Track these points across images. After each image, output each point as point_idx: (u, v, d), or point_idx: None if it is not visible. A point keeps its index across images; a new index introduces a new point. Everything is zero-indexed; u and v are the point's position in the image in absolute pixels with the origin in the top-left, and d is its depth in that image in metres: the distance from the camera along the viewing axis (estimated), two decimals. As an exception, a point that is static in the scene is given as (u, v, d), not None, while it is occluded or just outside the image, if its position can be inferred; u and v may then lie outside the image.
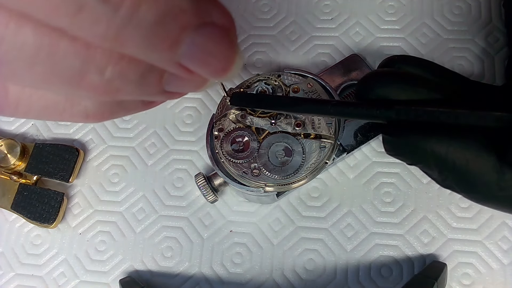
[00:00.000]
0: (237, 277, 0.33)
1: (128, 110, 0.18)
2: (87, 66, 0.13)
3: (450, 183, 0.23)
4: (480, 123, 0.20)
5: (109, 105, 0.17)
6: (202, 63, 0.14)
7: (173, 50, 0.14)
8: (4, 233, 0.37)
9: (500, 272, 0.31)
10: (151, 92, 0.16)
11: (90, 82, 0.14)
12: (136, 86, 0.15)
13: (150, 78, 0.15)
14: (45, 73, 0.13)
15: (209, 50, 0.14)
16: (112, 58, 0.14)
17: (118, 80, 0.14)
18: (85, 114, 0.17)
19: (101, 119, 0.17)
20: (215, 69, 0.14)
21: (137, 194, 0.36)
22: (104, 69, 0.14)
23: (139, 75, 0.15)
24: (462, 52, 0.36)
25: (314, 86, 0.31)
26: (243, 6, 0.40)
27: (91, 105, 0.16)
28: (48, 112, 0.16)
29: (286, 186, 0.30)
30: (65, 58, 0.13)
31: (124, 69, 0.14)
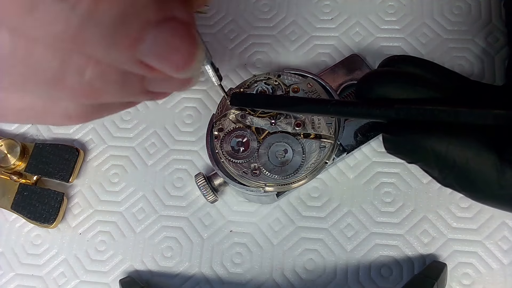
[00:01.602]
0: (237, 277, 0.33)
1: (111, 109, 0.18)
2: (65, 67, 0.13)
3: (450, 182, 0.23)
4: (480, 122, 0.20)
5: (91, 105, 0.16)
6: (163, 59, 0.14)
7: (134, 48, 0.13)
8: (4, 233, 0.37)
9: (500, 272, 0.31)
10: (133, 93, 0.15)
11: (70, 84, 0.13)
12: (118, 87, 0.14)
13: (132, 78, 0.15)
14: (24, 76, 0.13)
15: (170, 46, 0.13)
16: (91, 59, 0.13)
17: (99, 81, 0.14)
18: (67, 116, 0.16)
19: (84, 119, 0.17)
20: (176, 64, 0.14)
21: (137, 194, 0.36)
22: (84, 70, 0.13)
23: (120, 75, 0.14)
24: (462, 52, 0.36)
25: (314, 86, 0.31)
26: (243, 6, 0.40)
27: (73, 106, 0.16)
28: (26, 115, 0.16)
29: (286, 186, 0.30)
30: (43, 60, 0.13)
31: (105, 70, 0.14)
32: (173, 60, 0.14)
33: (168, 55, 0.14)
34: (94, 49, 0.13)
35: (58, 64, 0.13)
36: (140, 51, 0.13)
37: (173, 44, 0.13)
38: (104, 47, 0.13)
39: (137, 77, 0.15)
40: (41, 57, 0.12)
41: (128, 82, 0.15)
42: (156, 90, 0.16)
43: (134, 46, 0.13)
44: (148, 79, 0.15)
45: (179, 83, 0.16)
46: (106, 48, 0.13)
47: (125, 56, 0.13)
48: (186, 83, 0.16)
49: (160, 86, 0.16)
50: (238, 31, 0.40)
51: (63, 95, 0.14)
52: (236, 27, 0.40)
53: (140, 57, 0.13)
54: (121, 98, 0.15)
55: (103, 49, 0.13)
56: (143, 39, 0.13)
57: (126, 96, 0.16)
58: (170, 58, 0.14)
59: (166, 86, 0.16)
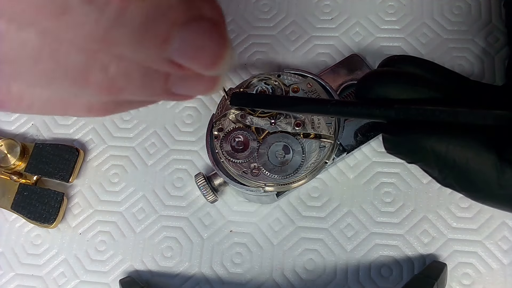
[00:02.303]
0: (237, 277, 0.33)
1: (132, 105, 0.18)
2: (90, 63, 0.13)
3: (450, 182, 0.23)
4: (480, 122, 0.20)
5: (113, 101, 0.17)
6: (192, 58, 0.14)
7: (163, 48, 0.13)
8: (4, 233, 0.37)
9: (500, 272, 0.31)
10: (156, 93, 0.16)
11: (94, 80, 0.14)
12: (140, 85, 0.15)
13: (155, 78, 0.15)
14: (49, 71, 0.13)
15: (198, 44, 0.14)
16: (115, 56, 0.13)
17: (122, 78, 0.14)
18: (88, 108, 0.16)
19: (104, 113, 0.17)
20: (205, 63, 0.14)
21: (137, 194, 0.36)
22: (108, 67, 0.13)
23: (143, 74, 0.14)
24: (462, 52, 0.36)
25: (314, 86, 0.31)
26: (243, 6, 0.40)
27: (95, 100, 0.16)
28: (51, 106, 0.16)
29: (286, 186, 0.30)
30: (68, 56, 0.13)
31: (128, 67, 0.14)
32: (202, 59, 0.14)
33: (197, 54, 0.14)
34: (122, 49, 0.13)
35: (83, 61, 0.13)
36: (169, 50, 0.13)
37: (202, 42, 0.14)
38: (132, 47, 0.13)
39: (160, 77, 0.15)
40: (67, 55, 0.13)
41: (151, 81, 0.15)
42: (180, 92, 0.16)
43: (163, 45, 0.13)
44: (173, 80, 0.15)
45: (204, 86, 0.16)
46: (134, 48, 0.13)
47: (154, 56, 0.14)
48: (211, 86, 0.16)
49: (184, 88, 0.16)
50: (238, 31, 0.40)
51: (86, 90, 0.14)
52: (236, 27, 0.40)
53: (170, 56, 0.14)
54: (143, 96, 0.16)
55: (132, 49, 0.13)
56: (172, 38, 0.13)
57: (148, 95, 0.16)
58: (199, 57, 0.14)
59: (191, 88, 0.16)
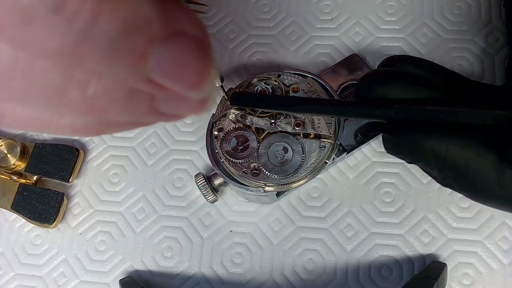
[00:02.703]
0: (237, 277, 0.33)
1: (121, 127, 0.17)
2: (67, 82, 0.12)
3: (450, 182, 0.23)
4: (480, 122, 0.20)
5: (98, 121, 0.16)
6: (173, 77, 0.13)
7: (140, 65, 0.12)
8: (4, 233, 0.37)
9: (500, 272, 0.31)
10: (142, 113, 0.15)
11: (71, 99, 0.13)
12: (123, 105, 0.14)
13: (138, 97, 0.14)
14: (24, 89, 0.12)
15: (179, 63, 0.13)
16: (94, 74, 0.13)
17: (103, 98, 0.13)
18: (73, 128, 0.15)
19: (90, 134, 0.16)
20: (187, 83, 0.13)
21: (137, 194, 0.36)
22: (86, 85, 0.13)
23: (125, 94, 0.13)
24: (462, 52, 0.36)
25: (314, 86, 0.31)
26: (243, 6, 0.40)
27: (78, 121, 0.15)
28: (33, 125, 0.15)
29: (286, 186, 0.30)
30: (43, 73, 0.12)
31: (108, 86, 0.13)
32: (184, 78, 0.13)
33: (178, 73, 0.13)
34: (95, 65, 0.12)
35: (60, 78, 0.12)
36: (148, 68, 0.13)
37: (183, 61, 0.13)
38: (106, 63, 0.12)
39: (144, 96, 0.14)
40: (42, 71, 0.12)
41: (134, 101, 0.14)
42: (167, 111, 0.15)
43: (140, 63, 0.12)
44: (158, 100, 0.14)
45: (193, 105, 0.15)
46: (108, 64, 0.12)
47: (131, 73, 0.13)
48: (201, 105, 0.15)
49: (171, 108, 0.15)
50: (238, 31, 0.40)
51: (65, 110, 0.13)
52: (236, 27, 0.40)
53: (148, 74, 0.13)
54: (128, 117, 0.15)
55: (106, 65, 0.12)
56: (149, 55, 0.12)
57: (133, 115, 0.15)
58: (180, 76, 0.13)
59: (178, 107, 0.15)
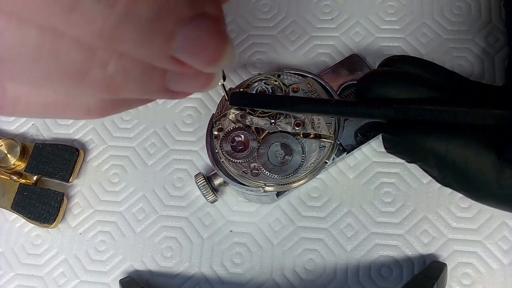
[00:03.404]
0: (237, 277, 0.33)
1: (130, 104, 0.18)
2: (90, 61, 0.13)
3: (450, 181, 0.23)
4: (479, 121, 0.20)
5: (110, 100, 0.17)
6: (195, 54, 0.14)
7: (168, 44, 0.13)
8: (4, 233, 0.37)
9: (500, 272, 0.31)
10: (153, 90, 0.16)
11: (93, 78, 0.14)
12: (138, 83, 0.15)
13: (153, 75, 0.15)
14: (48, 69, 0.13)
15: (202, 41, 0.14)
16: (114, 53, 0.13)
17: (121, 76, 0.14)
18: (87, 110, 0.16)
19: (103, 114, 0.17)
20: (207, 59, 0.14)
21: (137, 194, 0.36)
22: (107, 64, 0.14)
23: (141, 71, 0.14)
24: (462, 52, 0.36)
25: (314, 86, 0.31)
26: (243, 6, 0.40)
27: (93, 101, 0.16)
28: (48, 109, 0.16)
29: (285, 186, 0.30)
30: (68, 54, 0.13)
31: (126, 64, 0.14)
32: (204, 55, 0.14)
33: (200, 50, 0.14)
34: (128, 46, 0.13)
35: (83, 58, 0.13)
36: (173, 47, 0.13)
37: (205, 39, 0.14)
38: (139, 44, 0.13)
39: (158, 74, 0.15)
40: (67, 52, 0.13)
41: (148, 79, 0.15)
42: (176, 89, 0.16)
43: (168, 42, 0.13)
44: (169, 77, 0.15)
45: (200, 83, 0.16)
46: (140, 45, 0.13)
47: (157, 52, 0.14)
48: (207, 83, 0.16)
49: (181, 85, 0.16)
50: (238, 31, 0.40)
51: (85, 89, 0.14)
52: (236, 27, 0.40)
53: (173, 52, 0.14)
54: (140, 94, 0.16)
55: (138, 46, 0.13)
56: (176, 35, 0.13)
57: (146, 93, 0.16)
58: (201, 54, 0.14)
59: (187, 84, 0.16)
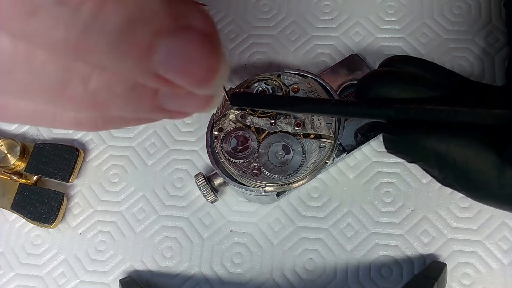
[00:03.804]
0: (237, 277, 0.33)
1: (126, 122, 0.17)
2: (68, 75, 0.12)
3: (451, 181, 0.23)
4: (480, 121, 0.20)
5: (101, 116, 0.16)
6: (181, 72, 0.13)
7: (146, 59, 0.12)
8: (4, 233, 0.37)
9: (500, 272, 0.31)
10: (145, 109, 0.14)
11: (73, 93, 0.13)
12: (126, 100, 0.14)
13: (141, 92, 0.14)
14: (24, 82, 0.12)
15: (187, 57, 0.12)
16: (96, 68, 0.12)
17: (104, 93, 0.13)
18: (76, 123, 0.15)
19: (94, 128, 0.16)
20: (195, 78, 0.13)
21: (137, 194, 0.36)
22: (88, 80, 0.12)
23: (128, 88, 0.13)
24: (462, 52, 0.36)
25: (314, 86, 0.31)
26: (243, 6, 0.40)
27: (82, 115, 0.15)
28: (37, 119, 0.15)
29: (286, 186, 0.30)
30: (43, 66, 0.12)
31: (110, 80, 0.13)
32: (191, 73, 0.13)
33: (186, 67, 0.12)
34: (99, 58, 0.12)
35: (60, 71, 0.12)
36: (154, 62, 0.12)
37: (191, 55, 0.12)
38: (111, 57, 0.12)
39: (147, 92, 0.14)
40: (43, 64, 0.12)
41: (137, 96, 0.14)
42: (171, 108, 0.15)
43: (146, 56, 0.12)
44: (162, 96, 0.14)
45: (198, 103, 0.15)
46: (113, 57, 0.12)
47: (137, 67, 0.12)
48: (206, 103, 0.15)
49: (175, 104, 0.15)
50: (238, 31, 0.40)
51: (67, 104, 0.13)
52: (236, 27, 0.40)
53: (154, 68, 0.12)
54: (131, 112, 0.15)
55: (110, 58, 0.12)
56: (156, 48, 0.12)
57: (136, 111, 0.15)
58: (187, 71, 0.13)
59: (182, 104, 0.15)
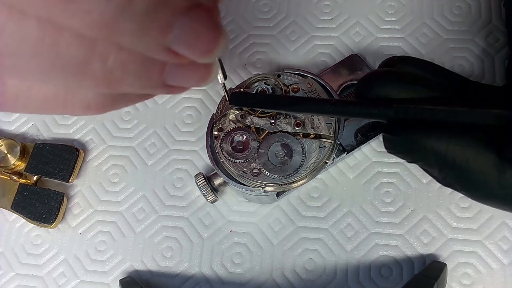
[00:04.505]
0: (237, 277, 0.33)
1: (129, 100, 0.18)
2: (90, 55, 0.13)
3: (451, 181, 0.23)
4: (479, 121, 0.20)
5: (110, 95, 0.17)
6: (190, 45, 0.14)
7: (164, 36, 0.14)
8: (4, 233, 0.37)
9: (500, 272, 0.31)
10: (152, 85, 0.16)
11: (93, 72, 0.14)
12: (137, 77, 0.15)
13: (151, 69, 0.15)
14: (49, 64, 0.13)
15: (197, 32, 0.14)
16: (114, 47, 0.14)
17: (120, 70, 0.14)
18: (87, 105, 0.16)
19: (102, 109, 0.17)
20: (201, 50, 0.14)
21: (137, 194, 0.36)
22: (107, 58, 0.14)
23: (139, 65, 0.14)
24: (462, 52, 0.36)
25: (314, 86, 0.31)
26: (243, 6, 0.40)
27: (93, 96, 0.16)
28: (48, 105, 0.16)
29: (286, 186, 0.30)
30: (68, 48, 0.13)
31: (125, 58, 0.14)
32: (199, 46, 0.14)
33: (195, 41, 0.14)
34: (126, 37, 0.13)
35: (83, 52, 0.13)
36: (169, 38, 0.14)
37: (200, 30, 0.14)
38: (136, 35, 0.13)
39: (156, 68, 0.15)
40: (68, 46, 0.13)
41: (147, 72, 0.15)
42: (174, 83, 0.16)
43: (164, 33, 0.13)
44: (167, 71, 0.15)
45: (198, 76, 0.16)
46: (138, 36, 0.13)
47: (154, 43, 0.14)
48: (205, 76, 0.16)
49: (179, 78, 0.16)
50: (238, 31, 0.40)
51: (85, 83, 0.14)
52: (236, 27, 0.40)
53: (169, 44, 0.14)
54: (139, 89, 0.16)
55: (135, 37, 0.13)
56: (173, 26, 0.13)
57: (144, 87, 0.16)
58: (196, 44, 0.14)
59: (185, 78, 0.16)
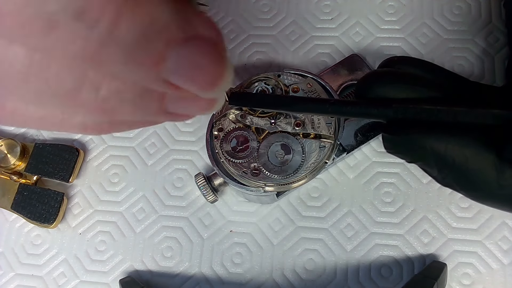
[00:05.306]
0: (237, 277, 0.33)
1: (130, 125, 0.17)
2: (80, 83, 0.13)
3: (450, 181, 0.23)
4: (479, 121, 0.20)
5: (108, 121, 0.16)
6: (189, 78, 0.13)
7: (158, 67, 0.13)
8: (4, 233, 0.37)
9: (500, 272, 0.31)
10: (151, 113, 0.15)
11: (84, 100, 0.13)
12: (134, 106, 0.14)
13: (149, 98, 0.14)
14: (38, 90, 0.13)
15: (195, 64, 0.13)
16: (107, 76, 0.13)
17: (114, 99, 0.14)
18: (84, 126, 0.16)
19: (100, 132, 0.16)
20: (202, 84, 0.14)
21: (137, 194, 0.36)
22: (99, 87, 0.13)
23: (136, 94, 0.14)
24: (462, 52, 0.36)
25: (314, 86, 0.31)
26: (243, 6, 0.40)
27: (89, 120, 0.16)
28: (45, 123, 0.16)
29: (285, 186, 0.30)
30: (57, 76, 0.13)
31: (120, 87, 0.13)
32: (199, 79, 0.13)
33: (194, 74, 0.13)
34: (114, 68, 0.13)
35: (73, 80, 0.13)
36: (165, 70, 0.13)
37: (199, 62, 0.13)
38: (125, 66, 0.12)
39: (154, 97, 0.15)
40: (57, 73, 0.12)
41: (145, 102, 0.14)
42: (176, 111, 0.16)
43: (158, 65, 0.13)
44: (168, 100, 0.15)
45: (201, 106, 0.16)
46: (127, 67, 0.13)
47: (148, 75, 0.13)
48: (209, 106, 0.16)
49: (181, 108, 0.15)
50: (238, 31, 0.40)
51: (78, 110, 0.14)
52: (236, 27, 0.40)
53: (165, 76, 0.13)
54: (138, 117, 0.15)
55: (124, 68, 0.13)
56: (167, 57, 0.13)
57: (143, 115, 0.15)
58: (196, 77, 0.13)
59: (187, 107, 0.15)
